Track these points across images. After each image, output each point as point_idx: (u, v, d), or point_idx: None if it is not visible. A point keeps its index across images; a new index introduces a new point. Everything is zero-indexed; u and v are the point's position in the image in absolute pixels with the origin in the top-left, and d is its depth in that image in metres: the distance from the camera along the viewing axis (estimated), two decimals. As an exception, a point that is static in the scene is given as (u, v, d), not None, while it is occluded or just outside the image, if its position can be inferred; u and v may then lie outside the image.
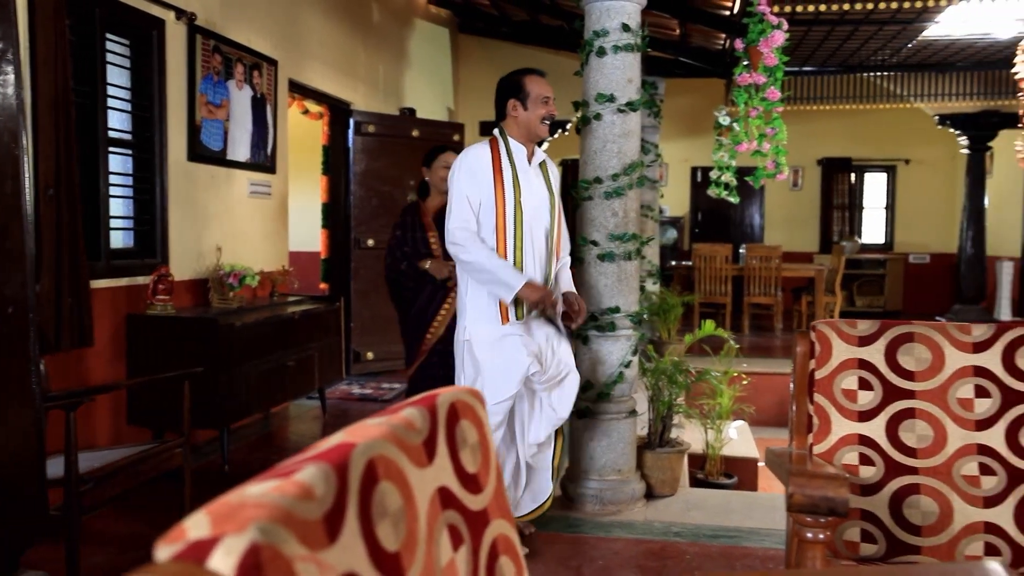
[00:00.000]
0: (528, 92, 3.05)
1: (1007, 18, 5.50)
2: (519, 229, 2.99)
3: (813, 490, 1.59)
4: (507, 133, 3.09)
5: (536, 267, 3.04)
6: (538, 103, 3.04)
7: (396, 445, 0.92)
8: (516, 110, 3.06)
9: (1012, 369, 2.02)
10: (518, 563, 1.14)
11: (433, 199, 3.92)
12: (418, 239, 3.84)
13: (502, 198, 2.98)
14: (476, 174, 2.98)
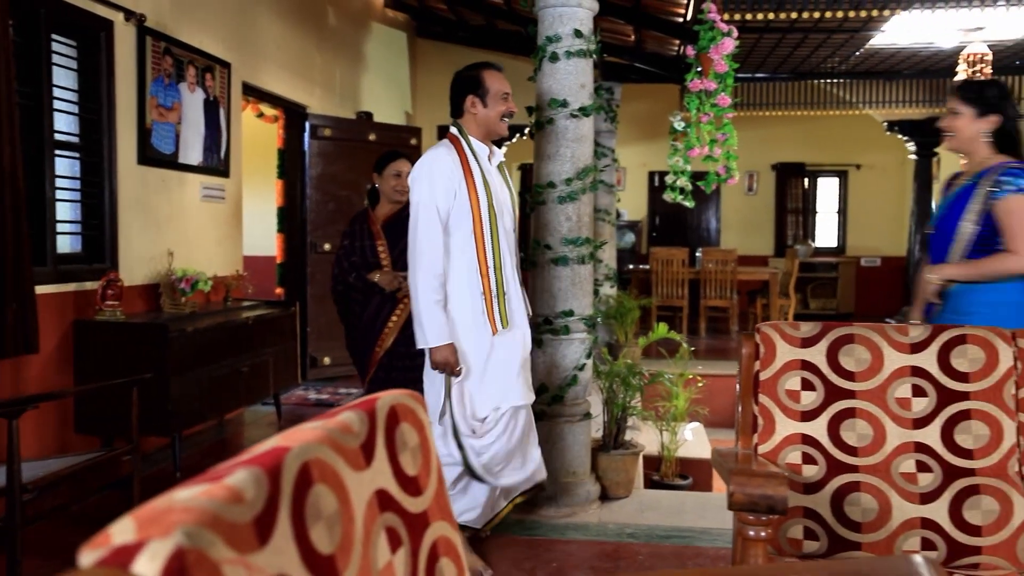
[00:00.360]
0: (488, 88, 2.92)
1: (949, 28, 5.66)
2: (495, 232, 2.89)
3: (753, 489, 1.62)
4: (466, 131, 2.96)
5: (511, 268, 2.98)
6: (498, 100, 2.93)
7: (332, 448, 0.92)
8: (475, 107, 2.93)
9: (947, 369, 2.08)
10: (459, 565, 1.15)
11: (383, 207, 3.78)
12: (366, 248, 3.69)
13: (477, 202, 2.85)
14: (447, 180, 2.83)
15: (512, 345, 2.97)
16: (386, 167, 3.73)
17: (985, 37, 5.83)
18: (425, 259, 2.79)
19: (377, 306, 3.61)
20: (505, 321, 2.91)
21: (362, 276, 3.61)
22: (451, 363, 2.82)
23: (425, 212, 2.81)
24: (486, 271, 2.88)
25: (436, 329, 2.80)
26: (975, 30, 5.62)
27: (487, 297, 2.88)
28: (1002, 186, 2.55)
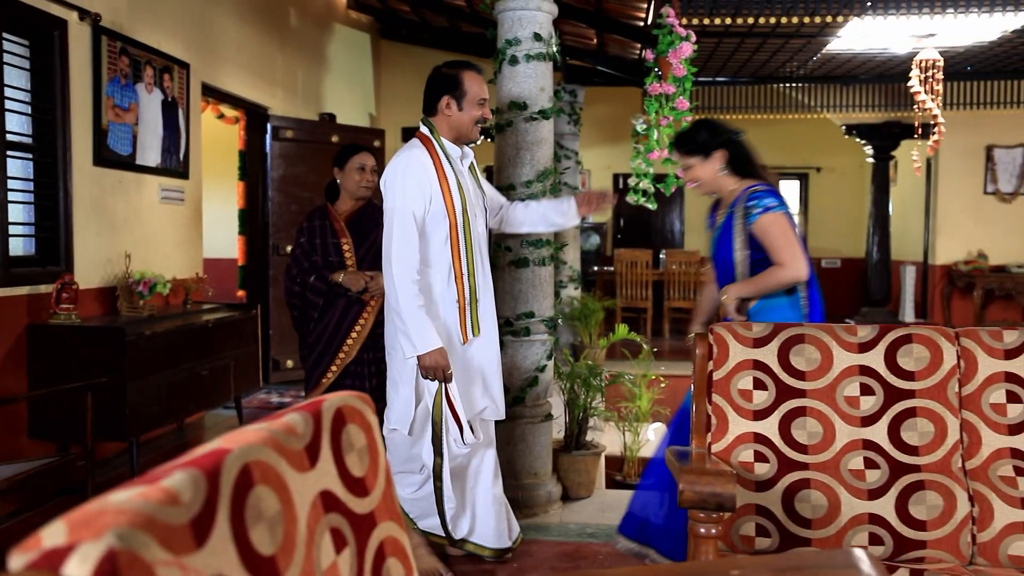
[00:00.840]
0: (466, 91, 2.81)
1: (902, 35, 5.79)
2: (469, 239, 2.82)
3: (702, 487, 1.65)
4: (437, 132, 2.86)
5: (483, 275, 2.92)
6: (474, 104, 2.82)
7: (275, 450, 0.93)
8: (450, 108, 2.82)
9: (894, 367, 2.13)
10: (407, 565, 1.16)
11: (344, 203, 3.58)
12: (329, 246, 3.50)
13: (452, 206, 2.77)
14: (423, 184, 2.74)
15: (483, 353, 2.90)
16: (348, 161, 3.54)
17: (937, 43, 5.97)
18: (403, 266, 2.70)
19: (343, 309, 3.44)
20: (476, 329, 2.85)
21: (324, 277, 3.42)
22: (442, 366, 2.70)
23: (400, 218, 2.72)
24: (460, 277, 2.80)
25: (422, 335, 2.68)
26: (927, 36, 5.75)
27: (460, 304, 2.81)
28: (751, 211, 2.70)
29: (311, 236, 3.52)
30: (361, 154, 3.53)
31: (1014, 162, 9.14)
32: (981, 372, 2.10)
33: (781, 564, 1.21)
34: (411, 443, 2.93)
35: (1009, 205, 9.23)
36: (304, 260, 3.48)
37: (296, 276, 3.49)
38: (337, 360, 3.44)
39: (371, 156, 3.57)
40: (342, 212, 3.57)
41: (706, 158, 2.80)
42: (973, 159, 9.23)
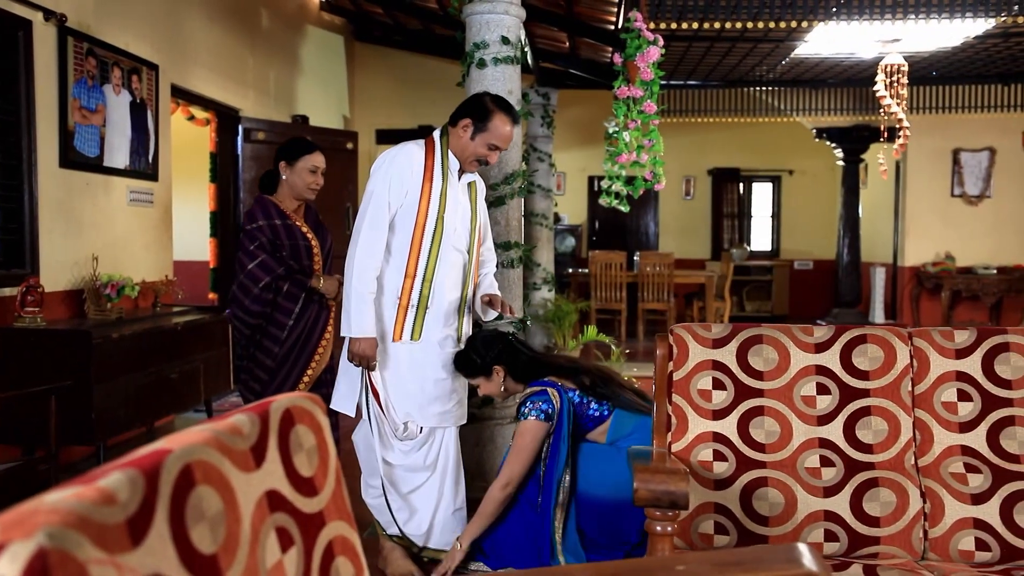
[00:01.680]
0: (488, 128, 2.84)
1: (868, 40, 5.88)
2: (436, 245, 2.82)
3: (656, 485, 1.67)
4: (447, 142, 2.90)
5: (450, 286, 2.89)
6: (486, 144, 2.85)
7: (219, 450, 0.94)
8: (466, 131, 2.85)
9: (849, 367, 2.17)
10: (357, 564, 1.17)
11: (286, 201, 3.35)
12: (300, 249, 3.30)
13: (425, 209, 2.79)
14: (405, 177, 2.78)
15: (427, 363, 2.88)
16: (300, 159, 3.31)
17: (902, 48, 6.07)
18: (365, 249, 2.75)
19: (315, 316, 3.32)
20: (416, 335, 2.84)
21: (301, 282, 3.24)
22: (368, 357, 2.76)
23: (375, 203, 2.77)
24: (412, 278, 2.81)
25: (362, 320, 2.75)
26: (892, 41, 5.85)
27: (402, 303, 2.82)
28: (522, 412, 2.85)
29: (274, 236, 3.26)
30: (315, 154, 3.35)
31: (980, 165, 9.30)
32: (933, 371, 2.14)
33: (725, 559, 1.23)
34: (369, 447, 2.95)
35: (975, 208, 9.39)
36: (276, 265, 3.19)
37: (269, 284, 3.18)
38: (309, 370, 3.34)
39: (323, 158, 3.39)
40: (293, 211, 3.37)
41: (488, 377, 2.96)
42: (940, 162, 9.38)
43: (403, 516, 2.97)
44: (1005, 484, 2.03)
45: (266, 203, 3.34)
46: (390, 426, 2.88)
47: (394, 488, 2.94)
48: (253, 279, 3.19)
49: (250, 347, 3.32)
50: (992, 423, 2.09)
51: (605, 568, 1.22)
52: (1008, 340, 2.13)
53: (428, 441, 2.94)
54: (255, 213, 3.30)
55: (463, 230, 2.93)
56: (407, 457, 2.92)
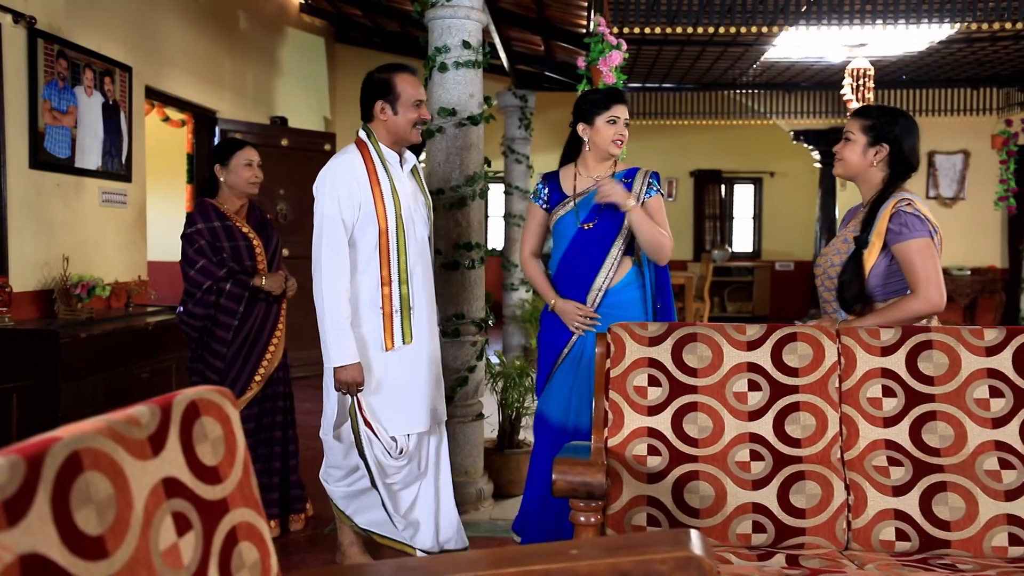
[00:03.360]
0: (399, 94, 2.77)
1: (835, 44, 5.97)
2: (402, 246, 2.76)
3: (573, 476, 1.74)
4: (375, 136, 2.82)
5: (422, 283, 2.86)
6: (409, 107, 2.77)
7: (112, 439, 0.99)
8: (384, 113, 2.78)
9: (780, 364, 2.24)
10: (264, 549, 1.22)
11: (229, 201, 3.39)
12: (241, 249, 3.32)
13: (384, 214, 2.72)
14: (352, 190, 2.70)
15: (415, 363, 2.85)
16: (233, 157, 3.36)
17: (869, 53, 6.16)
18: (331, 275, 2.68)
19: (263, 314, 3.36)
20: (408, 336, 2.79)
21: (243, 282, 3.26)
22: (357, 382, 2.71)
23: (329, 225, 2.69)
24: (389, 284, 2.76)
25: (342, 348, 2.69)
26: (859, 46, 5.94)
27: (385, 311, 2.77)
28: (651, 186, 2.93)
29: (214, 239, 3.28)
30: (246, 149, 3.40)
31: (954, 168, 9.41)
32: (860, 368, 2.21)
33: (615, 543, 1.30)
34: (344, 451, 2.91)
35: (950, 210, 9.50)
36: (216, 269, 3.23)
37: (210, 288, 3.23)
38: (261, 368, 3.37)
39: (256, 151, 3.43)
40: (235, 211, 3.41)
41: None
42: (916, 165, 9.48)
43: (409, 533, 2.94)
44: (925, 476, 2.10)
45: (205, 206, 3.38)
46: (381, 449, 2.81)
47: (395, 510, 2.90)
48: (194, 284, 3.26)
49: (199, 349, 3.36)
50: (914, 418, 2.16)
51: (503, 553, 1.28)
52: (931, 338, 2.20)
53: (417, 448, 2.91)
54: (194, 217, 3.34)
55: (420, 219, 2.90)
56: (400, 473, 2.87)
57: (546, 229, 2.98)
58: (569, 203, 2.91)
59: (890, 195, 2.49)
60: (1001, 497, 2.06)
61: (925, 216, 2.43)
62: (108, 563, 0.91)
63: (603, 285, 2.85)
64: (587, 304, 2.85)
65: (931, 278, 2.38)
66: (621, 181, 2.89)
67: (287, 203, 7.02)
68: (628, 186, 2.89)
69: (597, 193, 2.81)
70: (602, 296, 2.85)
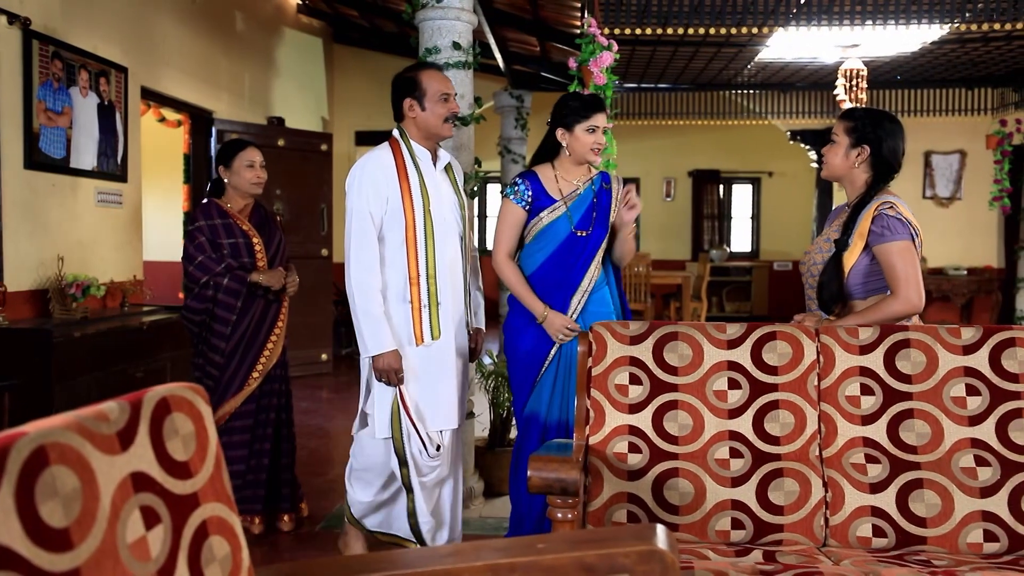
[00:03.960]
0: (425, 89, 2.81)
1: (828, 45, 5.99)
2: (430, 242, 2.78)
3: (547, 472, 1.76)
4: (408, 135, 2.87)
5: (450, 280, 2.85)
6: (437, 101, 2.81)
7: (79, 434, 1.02)
8: (413, 110, 2.83)
9: (759, 363, 2.26)
10: (235, 543, 1.24)
11: (234, 201, 3.46)
12: (240, 246, 3.37)
13: (411, 209, 2.75)
14: (380, 184, 2.75)
15: (444, 359, 2.83)
16: (236, 158, 3.42)
17: (862, 54, 6.18)
18: (361, 268, 2.73)
19: (262, 311, 3.41)
20: (436, 332, 2.79)
21: (240, 277, 3.31)
22: (395, 369, 2.72)
23: (359, 219, 2.75)
24: (417, 279, 2.77)
25: (377, 336, 2.71)
26: (852, 47, 5.96)
27: (414, 306, 2.77)
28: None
29: (214, 236, 3.36)
30: (248, 150, 3.45)
31: (951, 168, 9.42)
32: (838, 367, 2.23)
33: (581, 537, 1.32)
34: (377, 449, 2.86)
35: (946, 209, 9.51)
36: (214, 264, 3.32)
37: (208, 283, 3.31)
38: (259, 365, 3.40)
39: (259, 152, 3.48)
40: (239, 210, 3.47)
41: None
42: (912, 165, 9.49)
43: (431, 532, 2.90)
44: (902, 474, 2.12)
45: (208, 204, 3.47)
46: (418, 446, 2.78)
47: (427, 508, 2.86)
48: (193, 279, 3.34)
49: (200, 345, 3.44)
50: (892, 416, 2.18)
51: (472, 547, 1.31)
52: (909, 337, 2.22)
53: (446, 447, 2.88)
54: (196, 215, 3.45)
55: (453, 217, 2.89)
56: (434, 472, 2.85)
57: (522, 230, 2.95)
58: (560, 207, 2.91)
59: (873, 197, 2.52)
60: (977, 494, 2.08)
61: (907, 219, 2.48)
62: (73, 555, 0.94)
63: (588, 287, 2.89)
64: (572, 305, 2.88)
65: (911, 279, 2.42)
66: (601, 186, 2.94)
67: (284, 203, 7.04)
68: (608, 192, 2.96)
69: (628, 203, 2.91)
70: (586, 298, 2.89)
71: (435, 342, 2.81)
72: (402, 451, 2.79)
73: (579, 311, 2.88)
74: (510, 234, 2.93)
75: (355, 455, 2.97)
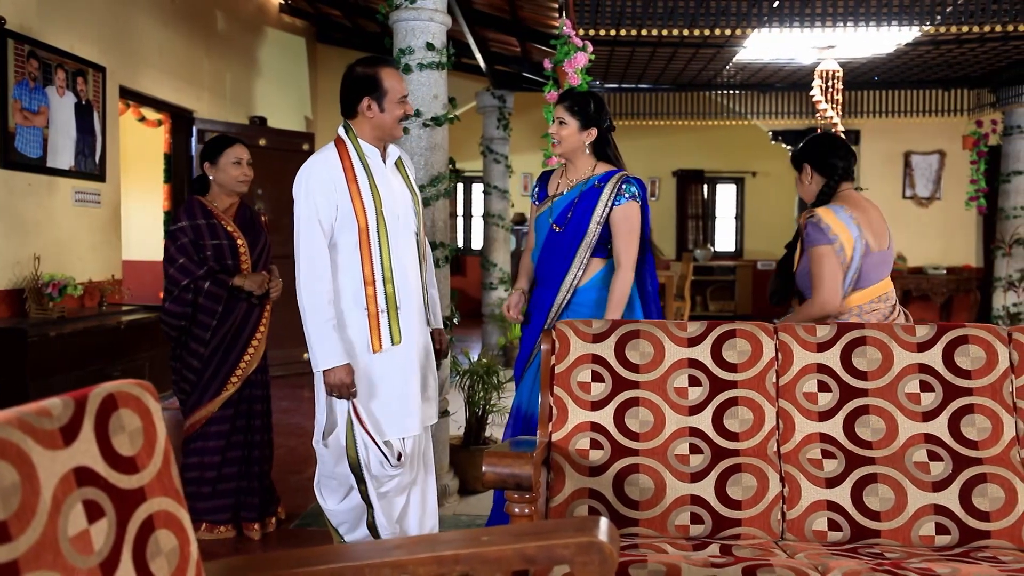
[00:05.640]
0: (386, 90, 2.68)
1: (806, 46, 6.04)
2: (384, 244, 2.67)
3: (501, 468, 1.79)
4: (355, 133, 2.74)
5: (408, 280, 2.75)
6: (395, 103, 2.70)
7: (20, 429, 1.04)
8: (371, 110, 2.69)
9: (719, 361, 2.29)
10: (183, 537, 1.26)
11: (220, 199, 3.39)
12: (224, 248, 3.29)
13: (362, 210, 2.64)
14: (327, 187, 2.63)
15: (406, 364, 2.73)
16: (222, 155, 3.33)
17: (837, 55, 6.24)
18: (311, 277, 2.62)
19: (244, 314, 3.33)
20: (396, 337, 2.68)
21: (223, 281, 3.25)
22: (346, 384, 2.61)
23: (307, 226, 2.63)
24: (373, 283, 2.66)
25: (328, 350, 2.59)
26: (827, 48, 6.02)
27: (371, 311, 2.66)
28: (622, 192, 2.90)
29: (197, 236, 3.28)
30: (235, 147, 3.37)
31: (930, 168, 9.51)
32: (796, 364, 2.27)
33: (526, 530, 1.35)
34: (337, 459, 2.74)
35: (926, 209, 9.60)
36: (196, 267, 3.24)
37: (188, 286, 3.23)
38: (238, 370, 3.34)
39: (246, 149, 3.41)
40: (224, 210, 3.40)
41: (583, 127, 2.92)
42: (892, 165, 9.59)
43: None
44: (857, 468, 2.16)
45: (192, 203, 3.38)
46: (378, 456, 2.68)
47: (387, 519, 2.78)
48: (173, 282, 3.25)
49: (178, 348, 3.37)
50: (848, 412, 2.22)
51: (420, 540, 1.33)
52: (865, 334, 2.26)
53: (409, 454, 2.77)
54: (179, 214, 3.34)
55: (407, 214, 2.79)
56: (394, 481, 2.75)
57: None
58: (547, 202, 3.01)
59: (818, 204, 2.80)
60: (929, 488, 2.12)
61: (826, 226, 2.67)
62: (11, 547, 0.96)
63: (572, 284, 2.91)
64: (557, 300, 2.92)
65: (823, 282, 2.63)
66: (595, 186, 2.92)
67: (265, 203, 7.05)
68: (599, 191, 2.90)
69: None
70: (571, 295, 2.91)
71: (396, 347, 2.69)
72: (357, 467, 2.68)
73: (564, 307, 2.91)
74: (530, 228, 3.11)
75: (319, 463, 2.87)
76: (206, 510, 3.35)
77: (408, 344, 2.72)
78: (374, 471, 2.69)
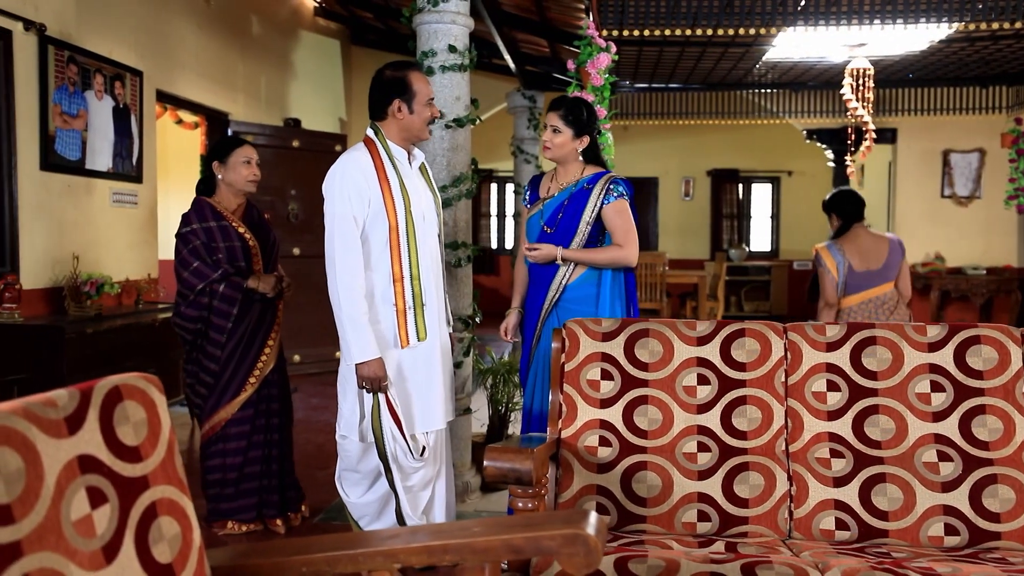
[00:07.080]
0: (415, 92, 2.78)
1: (836, 44, 5.97)
2: (412, 243, 2.75)
3: (502, 463, 1.82)
4: (384, 135, 2.82)
5: (433, 279, 2.85)
6: (424, 105, 2.80)
7: (25, 418, 1.10)
8: (401, 112, 2.78)
9: (728, 359, 2.30)
10: (185, 524, 1.32)
11: (228, 199, 3.39)
12: (235, 249, 3.31)
13: (393, 209, 2.72)
14: (360, 185, 2.70)
15: (430, 359, 2.82)
16: (232, 154, 3.35)
17: (869, 53, 6.15)
18: (345, 272, 2.68)
19: (258, 316, 3.36)
20: (422, 333, 2.78)
21: (237, 284, 3.26)
22: (379, 377, 2.68)
23: (341, 223, 2.69)
24: (401, 280, 2.74)
25: (361, 343, 2.67)
26: (859, 46, 5.94)
27: (399, 308, 2.75)
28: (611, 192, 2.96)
29: (209, 239, 3.29)
30: (244, 147, 3.39)
31: (970, 166, 9.32)
32: (805, 363, 2.27)
33: (515, 522, 1.38)
34: (362, 452, 2.83)
35: (965, 208, 9.41)
36: (210, 269, 3.24)
37: (204, 290, 3.24)
38: (256, 370, 3.36)
39: (254, 149, 3.44)
40: (232, 210, 3.41)
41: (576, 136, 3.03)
42: (931, 163, 9.41)
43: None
44: (865, 468, 2.16)
45: (201, 205, 3.38)
46: (404, 448, 2.77)
47: (412, 511, 2.85)
48: (187, 286, 3.26)
49: (194, 352, 3.39)
50: (857, 411, 2.21)
51: (416, 530, 1.38)
52: (875, 334, 2.25)
53: (432, 448, 2.87)
54: (189, 216, 3.34)
55: (431, 215, 2.89)
56: (418, 474, 2.84)
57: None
58: (538, 204, 3.06)
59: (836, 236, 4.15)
60: (938, 488, 2.11)
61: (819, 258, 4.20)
62: (14, 528, 1.02)
63: (562, 282, 2.98)
64: (547, 298, 2.99)
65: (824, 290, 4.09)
66: (584, 188, 2.99)
67: (298, 203, 7.17)
68: (588, 192, 2.99)
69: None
70: (561, 292, 2.98)
71: (421, 343, 2.78)
72: (385, 455, 2.77)
73: (554, 305, 2.98)
74: (523, 231, 3.17)
75: (341, 457, 2.95)
76: (231, 510, 3.38)
77: (432, 341, 2.83)
78: (401, 462, 2.78)
